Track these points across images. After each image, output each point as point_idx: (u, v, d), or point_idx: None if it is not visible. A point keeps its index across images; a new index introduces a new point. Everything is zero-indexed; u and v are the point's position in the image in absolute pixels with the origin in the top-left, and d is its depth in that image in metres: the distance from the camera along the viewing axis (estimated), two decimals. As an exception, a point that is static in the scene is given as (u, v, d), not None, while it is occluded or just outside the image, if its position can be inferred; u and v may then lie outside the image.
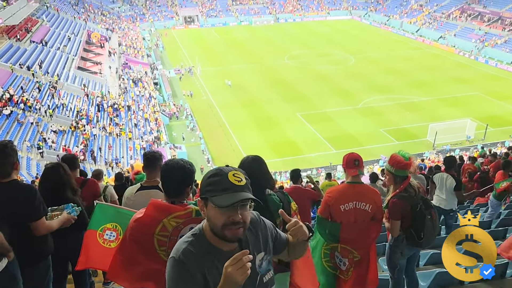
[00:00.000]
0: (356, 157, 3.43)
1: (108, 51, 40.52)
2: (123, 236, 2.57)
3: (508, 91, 33.66)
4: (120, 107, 29.19)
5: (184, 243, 1.74)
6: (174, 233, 2.37)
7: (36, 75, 27.72)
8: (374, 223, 3.46)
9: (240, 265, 1.53)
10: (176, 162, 2.48)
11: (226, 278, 1.55)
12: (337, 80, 36.59)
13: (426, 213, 3.54)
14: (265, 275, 1.84)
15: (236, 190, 1.64)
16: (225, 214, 1.63)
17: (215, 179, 1.68)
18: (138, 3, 62.49)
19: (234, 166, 1.78)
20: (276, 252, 2.02)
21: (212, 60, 43.12)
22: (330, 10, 66.18)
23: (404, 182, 3.54)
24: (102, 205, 3.30)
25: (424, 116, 28.40)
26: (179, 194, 2.46)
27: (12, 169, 2.97)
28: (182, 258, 1.68)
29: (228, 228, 1.65)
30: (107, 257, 3.01)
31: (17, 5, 32.74)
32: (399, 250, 3.72)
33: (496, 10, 49.89)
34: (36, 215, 2.99)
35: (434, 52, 46.39)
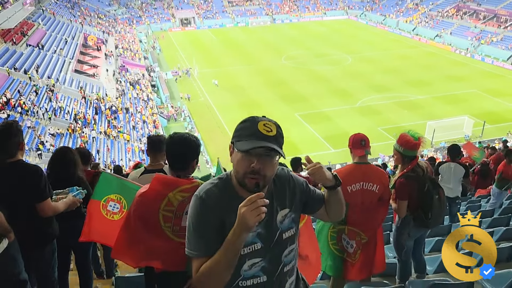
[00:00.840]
0: (362, 137, 3.38)
1: (104, 54, 40.46)
2: (128, 212, 2.52)
3: (504, 88, 33.78)
4: (119, 109, 29.15)
5: (209, 183, 1.76)
6: (179, 208, 2.31)
7: (33, 78, 27.64)
8: (381, 204, 3.41)
9: (254, 207, 1.49)
10: (181, 135, 2.43)
11: (239, 219, 1.52)
12: (334, 79, 36.64)
13: (434, 192, 3.49)
14: (285, 232, 1.80)
15: (262, 138, 1.61)
16: (247, 161, 1.61)
17: (245, 125, 1.69)
18: (134, 6, 62.48)
19: (269, 118, 1.73)
20: (312, 210, 1.99)
21: (209, 62, 43.11)
22: (327, 11, 66.31)
23: (412, 162, 3.49)
24: (107, 175, 3.22)
25: (421, 114, 28.46)
26: (184, 168, 2.41)
27: (18, 149, 2.95)
28: (204, 196, 1.70)
29: (248, 177, 1.63)
30: (110, 230, 2.96)
31: (13, 8, 32.67)
32: (406, 231, 3.68)
33: (492, 8, 50.08)
34: (42, 196, 2.96)
35: (430, 50, 46.51)
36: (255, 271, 1.75)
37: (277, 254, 1.79)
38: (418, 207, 3.52)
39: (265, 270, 1.76)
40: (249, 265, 1.73)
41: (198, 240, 1.67)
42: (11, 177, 2.90)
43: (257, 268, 1.75)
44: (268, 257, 1.76)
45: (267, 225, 1.74)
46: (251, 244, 1.72)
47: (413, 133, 3.50)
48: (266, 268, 1.76)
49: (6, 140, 2.89)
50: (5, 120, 2.81)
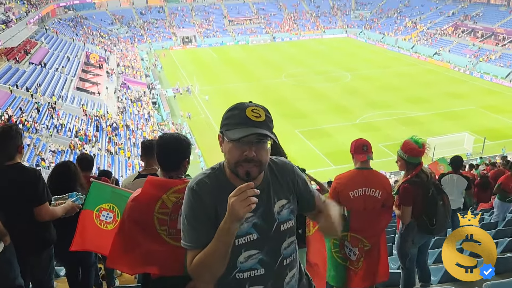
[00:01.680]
0: (364, 142, 3.36)
1: (106, 71, 40.83)
2: (121, 218, 2.45)
3: (504, 104, 33.92)
4: (120, 126, 29.25)
5: (201, 174, 1.74)
6: (174, 210, 2.26)
7: (35, 96, 27.83)
8: (384, 210, 3.37)
9: (243, 197, 1.46)
10: (171, 134, 2.41)
11: (229, 209, 1.49)
12: (334, 96, 36.84)
13: (438, 198, 3.44)
14: (283, 223, 1.76)
15: (252, 125, 1.59)
16: (239, 150, 1.59)
17: (232, 113, 1.65)
18: (136, 25, 63.27)
19: (256, 103, 1.70)
20: (300, 210, 1.91)
21: (210, 79, 43.42)
22: (326, 29, 67.10)
23: (416, 168, 3.46)
24: (98, 184, 3.13)
25: (421, 130, 28.47)
26: (176, 168, 2.37)
27: (16, 152, 2.94)
28: (195, 187, 1.68)
29: (240, 165, 1.60)
30: (104, 239, 2.89)
31: (16, 27, 33.14)
32: (410, 238, 3.61)
33: (489, 26, 50.68)
34: (40, 199, 2.94)
35: (429, 68, 46.88)
36: (252, 263, 1.71)
37: (275, 246, 1.74)
38: (422, 213, 3.47)
39: (263, 262, 1.72)
40: (245, 256, 1.70)
41: (191, 231, 1.66)
42: (9, 179, 2.87)
43: (254, 261, 1.71)
44: (266, 249, 1.72)
45: (264, 216, 1.71)
46: (246, 235, 1.68)
47: (417, 139, 3.48)
48: (264, 260, 1.72)
49: (5, 142, 2.88)
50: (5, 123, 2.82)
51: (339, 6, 72.23)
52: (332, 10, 71.37)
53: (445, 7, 60.63)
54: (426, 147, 3.49)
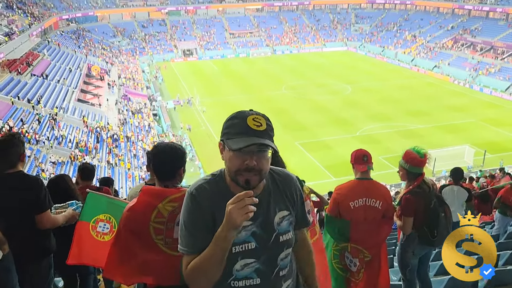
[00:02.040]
0: (364, 152, 3.36)
1: (107, 83, 41.04)
2: (117, 228, 2.43)
3: (504, 118, 33.99)
4: (120, 137, 29.30)
5: (201, 179, 1.74)
6: (170, 219, 2.24)
7: (36, 107, 27.93)
8: (384, 221, 3.35)
9: (241, 205, 1.47)
10: (166, 144, 2.41)
11: (226, 216, 1.50)
12: (334, 109, 36.95)
13: (440, 210, 3.43)
14: (282, 235, 1.75)
15: (253, 134, 1.59)
16: (240, 159, 1.59)
17: (233, 122, 1.66)
18: (138, 37, 63.78)
19: (257, 111, 1.70)
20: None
21: (210, 91, 43.61)
22: (326, 42, 67.61)
23: (418, 179, 3.45)
24: (95, 195, 3.11)
25: (422, 143, 28.47)
26: (171, 177, 2.37)
27: (18, 160, 2.97)
28: (195, 193, 1.69)
29: (241, 174, 1.61)
30: (100, 251, 2.86)
31: (19, 40, 33.42)
32: (411, 249, 3.59)
33: (488, 40, 51.07)
34: (42, 207, 2.95)
35: (429, 81, 47.10)
36: (248, 272, 1.70)
37: (272, 257, 1.74)
38: (423, 225, 3.45)
39: (259, 272, 1.71)
40: (241, 264, 1.69)
41: (188, 236, 1.66)
42: (10, 187, 2.89)
43: (250, 269, 1.70)
44: (263, 259, 1.71)
45: (263, 225, 1.70)
46: (244, 243, 1.68)
47: (419, 149, 3.48)
48: (260, 270, 1.71)
49: (8, 149, 2.91)
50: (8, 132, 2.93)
51: (339, 20, 72.91)
52: (332, 24, 72.00)
53: (444, 21, 61.19)
54: (428, 157, 3.47)
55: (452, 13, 61.87)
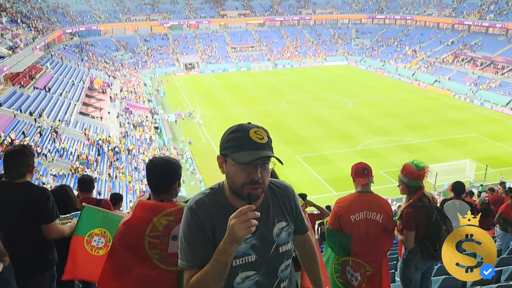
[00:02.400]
0: (365, 166, 3.36)
1: (109, 96, 41.26)
2: (112, 243, 2.42)
3: (505, 132, 34.01)
4: (121, 150, 29.33)
5: (201, 193, 1.75)
6: (165, 232, 2.24)
7: (38, 120, 28.04)
8: (386, 234, 3.33)
9: (243, 219, 1.47)
10: (161, 158, 2.42)
11: (228, 231, 1.50)
12: (335, 123, 37.02)
13: (442, 223, 3.41)
14: (282, 246, 1.77)
15: (257, 147, 1.61)
16: (246, 172, 1.60)
17: (236, 135, 1.66)
18: (140, 51, 64.34)
19: (255, 124, 1.73)
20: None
21: (212, 105, 43.80)
22: (327, 56, 68.10)
23: (417, 192, 3.44)
24: (90, 209, 3.11)
25: (423, 157, 28.38)
26: (167, 191, 2.38)
27: (27, 171, 3.05)
28: (194, 207, 1.69)
29: (246, 187, 1.62)
30: (95, 265, 2.85)
31: (23, 53, 33.71)
32: (414, 263, 3.56)
33: (488, 55, 51.40)
34: (49, 218, 3.00)
35: (430, 95, 47.27)
36: (248, 284, 1.70)
37: (272, 269, 1.75)
38: (425, 238, 3.43)
39: (260, 284, 1.72)
40: (242, 277, 1.69)
41: (188, 251, 1.66)
42: (18, 196, 2.95)
43: (251, 282, 1.70)
44: (263, 271, 1.72)
45: (262, 237, 1.71)
46: (244, 256, 1.69)
47: (417, 163, 3.48)
48: (260, 282, 1.72)
49: (19, 159, 3.01)
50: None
51: (340, 35, 73.56)
52: (333, 38, 72.62)
53: (444, 36, 61.69)
54: (427, 170, 3.46)
55: (452, 28, 62.40)
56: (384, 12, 74.14)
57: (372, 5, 76.73)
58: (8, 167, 3.01)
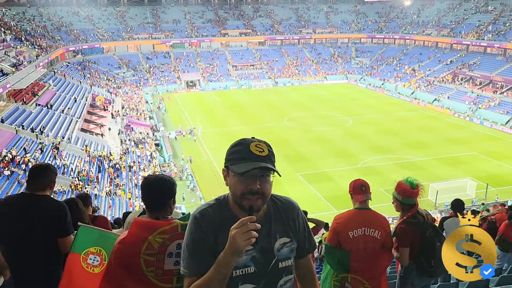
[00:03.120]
0: (362, 183, 3.40)
1: (111, 113, 41.49)
2: (108, 261, 2.44)
3: (505, 151, 34.06)
4: (122, 167, 29.34)
5: (205, 204, 1.82)
6: (160, 250, 2.26)
7: (39, 136, 28.16)
8: (384, 251, 3.34)
9: (244, 230, 1.51)
10: (156, 176, 2.47)
11: (229, 241, 1.54)
12: (336, 141, 37.12)
13: (436, 240, 3.43)
14: (282, 261, 1.80)
15: (256, 159, 1.67)
16: (244, 183, 1.67)
17: (237, 148, 1.75)
18: (142, 69, 64.95)
19: (258, 138, 1.81)
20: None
21: (213, 122, 44.02)
22: (327, 75, 68.67)
23: (411, 209, 3.47)
24: (86, 228, 3.16)
25: (423, 175, 28.40)
26: (162, 209, 2.40)
27: (48, 186, 3.24)
28: (198, 216, 1.76)
29: (245, 197, 1.67)
30: (91, 283, 2.89)
31: (26, 70, 34.04)
32: (410, 280, 3.56)
33: (487, 74, 51.83)
34: (66, 231, 3.17)
35: (429, 114, 47.50)
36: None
37: (272, 283, 1.77)
38: (420, 255, 3.46)
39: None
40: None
41: (190, 259, 1.71)
42: (39, 207, 3.11)
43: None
44: (263, 284, 1.75)
45: (263, 251, 1.75)
46: (243, 267, 1.72)
47: (411, 180, 3.51)
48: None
49: (42, 174, 3.23)
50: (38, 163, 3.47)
51: (340, 54, 74.35)
52: (333, 57, 73.37)
53: (443, 56, 62.32)
54: (420, 188, 3.50)
55: (451, 48, 63.10)
56: (383, 32, 75.11)
57: (372, 25, 77.77)
58: (33, 179, 3.22)
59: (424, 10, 74.13)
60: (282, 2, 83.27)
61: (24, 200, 3.14)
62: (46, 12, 65.15)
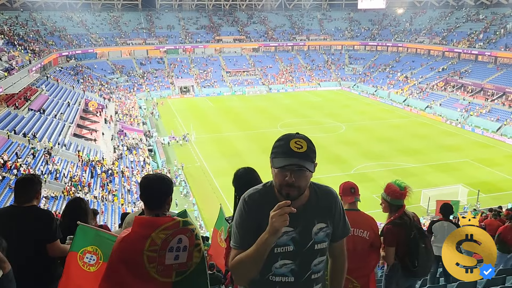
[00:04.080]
0: (352, 185, 3.52)
1: (104, 119, 41.33)
2: (109, 261, 2.49)
3: (496, 158, 34.41)
4: (114, 173, 29.20)
5: (254, 189, 2.07)
6: (163, 246, 2.35)
7: (31, 141, 27.97)
8: (373, 251, 3.47)
9: (281, 213, 1.76)
10: (154, 174, 2.60)
11: (269, 223, 1.79)
12: (329, 147, 37.22)
13: (420, 241, 3.54)
14: (318, 244, 2.03)
15: (293, 155, 1.87)
16: (282, 175, 1.89)
17: (279, 143, 1.98)
18: (136, 74, 64.86)
19: (302, 134, 2.00)
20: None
21: (206, 128, 44.00)
22: (321, 81, 69.05)
23: (399, 211, 3.59)
24: (84, 227, 3.24)
25: (416, 182, 28.56)
26: (160, 206, 2.50)
27: (34, 197, 3.48)
28: (247, 199, 2.02)
29: (283, 188, 1.90)
30: (86, 281, 3.00)
31: (18, 75, 33.87)
32: (395, 280, 3.69)
33: (478, 82, 52.43)
34: (53, 237, 3.40)
35: (422, 120, 47.88)
36: (284, 271, 2.00)
37: (307, 261, 2.02)
38: (405, 255, 3.57)
39: (294, 272, 2.00)
40: (280, 264, 1.99)
41: (237, 235, 2.00)
42: (27, 218, 3.35)
43: (286, 269, 2.00)
44: (298, 261, 2.00)
45: (302, 233, 1.99)
46: (284, 246, 1.97)
47: (400, 183, 3.65)
48: (295, 271, 2.00)
49: (28, 187, 3.45)
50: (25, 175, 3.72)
51: (333, 61, 74.86)
52: (326, 64, 73.84)
53: (435, 63, 62.97)
54: (408, 190, 3.64)
55: (443, 55, 63.78)
56: (376, 39, 75.79)
57: (365, 33, 78.45)
58: (19, 192, 3.46)
59: (416, 18, 74.94)
60: (276, 9, 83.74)
61: (13, 212, 3.41)
62: (39, 16, 64.91)
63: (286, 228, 1.89)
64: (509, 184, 28.93)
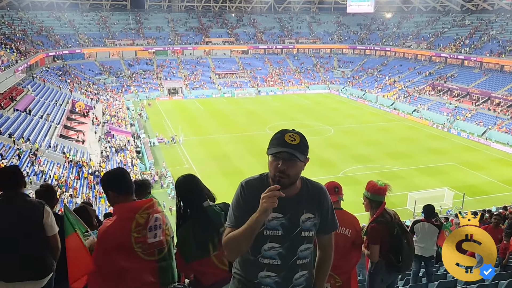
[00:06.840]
0: (335, 184, 3.65)
1: (91, 120, 40.92)
2: (96, 250, 2.68)
3: (481, 161, 34.94)
4: (101, 174, 28.87)
5: (252, 177, 2.30)
6: (145, 225, 2.61)
7: (17, 142, 27.56)
8: (354, 248, 3.62)
9: (270, 195, 1.97)
10: (115, 169, 2.94)
11: (260, 203, 1.99)
12: (317, 150, 37.35)
13: (403, 237, 3.66)
14: (304, 231, 2.21)
15: (285, 145, 2.10)
16: (274, 162, 2.13)
17: (276, 136, 2.19)
18: (124, 75, 64.39)
19: (297, 131, 2.22)
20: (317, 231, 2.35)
21: (195, 130, 43.85)
22: (309, 84, 69.38)
23: (380, 207, 3.70)
24: (66, 212, 3.30)
25: (402, 185, 28.87)
26: (133, 192, 2.79)
27: (22, 185, 3.49)
28: (244, 184, 2.25)
29: (275, 175, 2.12)
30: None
31: (4, 75, 33.40)
32: (380, 276, 3.80)
33: (464, 87, 53.24)
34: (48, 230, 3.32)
35: (409, 124, 48.41)
36: (272, 253, 2.17)
37: (293, 246, 2.19)
38: (389, 252, 3.68)
39: (281, 256, 2.18)
40: (269, 246, 2.17)
41: (232, 215, 2.19)
42: (17, 207, 3.28)
43: (274, 252, 2.17)
44: (286, 246, 2.17)
45: (290, 220, 2.17)
46: (273, 229, 2.16)
47: (380, 182, 3.79)
48: (282, 254, 2.17)
49: (15, 175, 3.43)
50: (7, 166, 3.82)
51: (322, 64, 75.31)
52: (315, 67, 74.24)
53: (422, 68, 63.78)
54: (388, 187, 3.82)
55: (430, 60, 64.64)
56: (365, 43, 76.51)
57: (353, 36, 79.12)
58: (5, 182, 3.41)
59: (404, 23, 75.86)
60: (265, 11, 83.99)
61: (2, 203, 3.32)
62: (26, 16, 64.08)
63: (277, 214, 2.11)
64: (493, 187, 29.42)
